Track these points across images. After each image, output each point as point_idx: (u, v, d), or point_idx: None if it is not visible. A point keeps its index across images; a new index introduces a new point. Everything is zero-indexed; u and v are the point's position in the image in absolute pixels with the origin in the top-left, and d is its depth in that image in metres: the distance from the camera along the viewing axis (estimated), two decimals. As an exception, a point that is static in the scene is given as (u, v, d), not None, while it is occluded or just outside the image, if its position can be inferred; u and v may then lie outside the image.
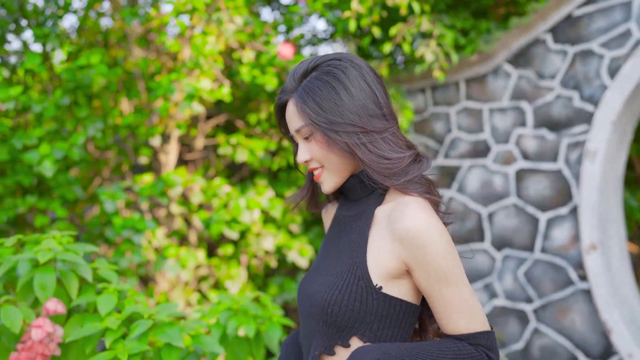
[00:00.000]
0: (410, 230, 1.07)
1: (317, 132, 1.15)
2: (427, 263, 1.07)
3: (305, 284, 1.23)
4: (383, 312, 1.10)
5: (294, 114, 1.17)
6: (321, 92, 1.12)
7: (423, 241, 1.07)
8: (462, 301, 1.08)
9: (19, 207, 3.21)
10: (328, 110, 1.12)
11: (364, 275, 1.11)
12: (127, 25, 3.32)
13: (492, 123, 3.62)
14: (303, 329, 1.24)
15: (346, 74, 1.14)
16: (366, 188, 1.21)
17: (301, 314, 1.23)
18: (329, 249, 1.24)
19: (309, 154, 1.18)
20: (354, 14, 3.10)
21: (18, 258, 1.69)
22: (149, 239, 3.62)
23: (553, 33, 3.35)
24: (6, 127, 3.12)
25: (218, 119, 4.28)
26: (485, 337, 1.10)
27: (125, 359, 1.50)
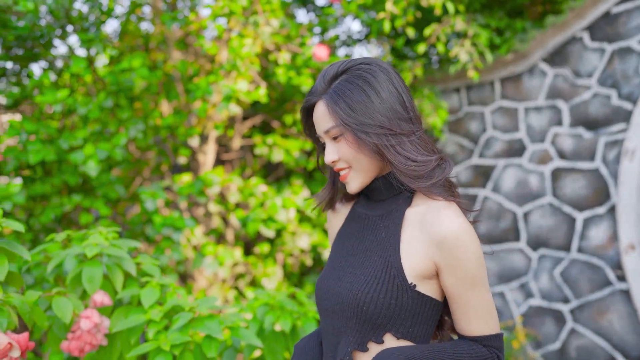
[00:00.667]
0: (448, 235, 1.11)
1: (347, 133, 1.17)
2: (459, 267, 1.12)
3: (328, 282, 1.23)
4: (416, 310, 1.14)
5: (324, 114, 1.19)
6: (352, 94, 1.16)
7: (458, 246, 1.11)
8: (483, 305, 1.14)
9: (65, 206, 3.33)
10: (359, 112, 1.15)
11: (399, 274, 1.14)
12: (167, 29, 3.42)
13: (527, 122, 3.60)
14: (327, 327, 1.24)
15: (376, 77, 1.17)
16: (392, 189, 1.23)
17: (324, 311, 1.24)
18: (350, 247, 1.26)
19: (337, 154, 1.20)
20: (389, 15, 3.13)
21: (67, 253, 1.78)
22: (188, 237, 3.72)
23: (590, 31, 3.31)
24: (53, 129, 3.25)
25: (254, 119, 4.35)
26: (498, 340, 1.16)
27: (168, 349, 1.57)
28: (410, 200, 1.22)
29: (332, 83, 1.20)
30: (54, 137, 3.32)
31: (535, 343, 3.57)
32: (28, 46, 3.57)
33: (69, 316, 1.59)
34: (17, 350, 1.37)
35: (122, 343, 1.78)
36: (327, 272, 1.27)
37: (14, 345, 1.36)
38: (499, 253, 3.74)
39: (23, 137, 3.17)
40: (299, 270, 4.26)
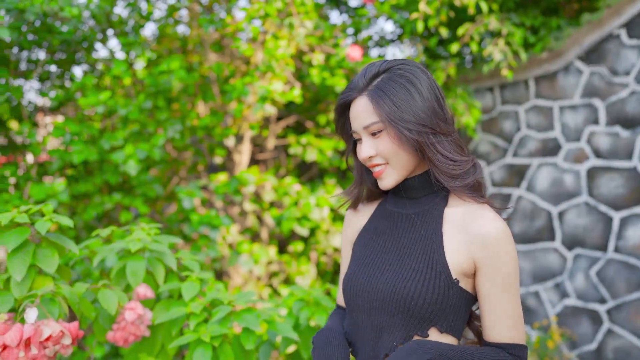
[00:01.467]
0: (489, 235, 1.15)
1: (389, 129, 1.19)
2: (497, 268, 1.15)
3: (362, 278, 1.24)
4: (458, 305, 1.18)
5: (365, 110, 1.21)
6: (396, 92, 1.19)
7: (499, 246, 1.15)
8: (513, 310, 1.16)
9: (106, 204, 3.44)
10: (403, 109, 1.18)
11: (444, 270, 1.17)
12: (203, 32, 3.50)
13: (562, 121, 3.57)
14: (363, 323, 1.24)
15: (417, 77, 1.21)
16: (429, 188, 1.26)
17: (360, 307, 1.24)
18: (383, 244, 1.27)
19: (374, 149, 1.22)
20: (422, 15, 3.15)
21: (112, 248, 1.86)
22: (224, 235, 3.79)
23: (627, 28, 3.27)
24: (95, 130, 3.36)
25: (288, 120, 4.41)
26: (524, 351, 1.17)
27: (208, 340, 1.62)
28: (446, 200, 1.25)
29: (374, 80, 1.22)
30: (96, 138, 3.43)
31: (571, 343, 3.54)
32: (71, 50, 3.69)
33: (114, 308, 1.66)
34: (69, 338, 1.44)
35: (163, 335, 1.85)
36: (358, 268, 1.27)
37: (66, 333, 1.44)
38: (534, 252, 3.71)
39: (67, 138, 3.28)
40: (332, 269, 4.30)
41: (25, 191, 3.43)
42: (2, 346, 1.37)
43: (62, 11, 3.02)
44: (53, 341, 1.42)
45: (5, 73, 3.23)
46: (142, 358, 1.78)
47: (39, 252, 1.63)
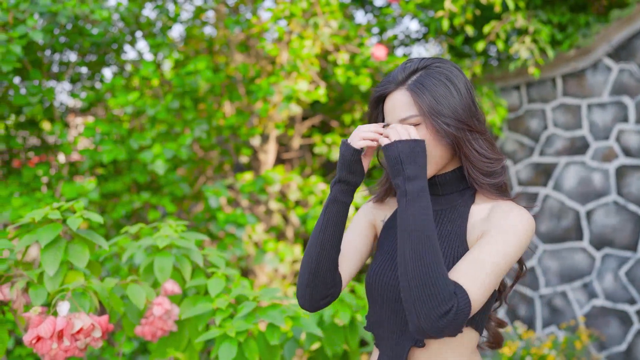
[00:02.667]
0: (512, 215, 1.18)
1: (427, 123, 1.21)
2: (497, 226, 1.16)
3: (390, 273, 1.25)
4: None
5: (404, 103, 1.22)
6: (436, 87, 1.21)
7: (510, 216, 1.17)
8: (482, 268, 1.11)
9: (134, 202, 3.51)
10: (442, 104, 1.20)
11: None
12: (229, 33, 3.55)
13: (590, 119, 3.52)
14: (390, 316, 1.26)
15: (455, 76, 1.24)
16: (456, 185, 1.28)
17: (386, 301, 1.25)
18: None
19: None
20: (447, 14, 3.14)
21: (140, 244, 1.90)
22: (249, 234, 3.83)
23: (657, 24, 3.22)
24: (124, 130, 3.43)
25: (313, 119, 4.44)
26: (465, 298, 1.08)
27: (234, 335, 1.65)
28: (473, 198, 1.27)
29: (413, 76, 1.24)
30: (125, 138, 3.50)
31: (599, 344, 3.49)
32: (101, 52, 3.77)
33: (143, 302, 1.70)
34: (99, 331, 1.49)
35: (190, 330, 1.89)
36: (382, 263, 1.29)
37: (96, 326, 1.48)
38: (561, 252, 3.67)
39: (97, 138, 3.36)
40: (357, 268, 4.31)
41: (57, 190, 3.51)
42: (37, 338, 1.42)
43: (93, 14, 3.09)
44: (84, 334, 1.46)
45: (39, 75, 3.32)
46: (170, 352, 1.82)
47: (70, 248, 1.68)
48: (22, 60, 3.26)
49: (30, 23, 2.91)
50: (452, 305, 1.05)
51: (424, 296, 1.06)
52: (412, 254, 1.08)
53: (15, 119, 3.73)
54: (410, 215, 1.10)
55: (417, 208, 1.10)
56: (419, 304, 1.06)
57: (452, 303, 1.05)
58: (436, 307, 1.04)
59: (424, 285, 1.06)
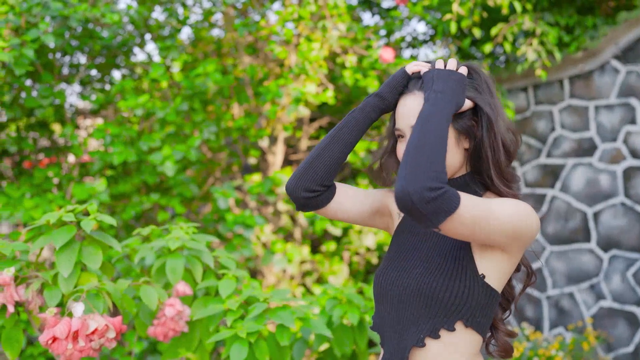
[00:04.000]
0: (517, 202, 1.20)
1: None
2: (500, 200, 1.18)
3: (392, 273, 1.28)
4: (484, 301, 1.21)
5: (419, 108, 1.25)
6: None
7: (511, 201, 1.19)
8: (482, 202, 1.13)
9: (144, 204, 3.54)
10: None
11: (470, 265, 1.20)
12: (237, 35, 3.57)
13: (598, 121, 3.53)
14: (391, 315, 1.27)
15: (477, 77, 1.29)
16: (467, 189, 1.28)
17: (388, 300, 1.27)
18: (414, 242, 1.30)
19: None
20: (455, 16, 3.16)
21: (152, 246, 1.93)
22: (257, 235, 3.86)
23: (665, 26, 3.23)
24: (134, 132, 3.46)
25: (321, 121, 4.46)
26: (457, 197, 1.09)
27: (245, 336, 1.68)
28: None
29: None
30: (134, 140, 3.53)
31: (607, 345, 3.50)
32: (111, 55, 3.81)
33: (155, 303, 1.73)
34: (113, 332, 1.52)
35: (201, 330, 1.91)
36: (389, 263, 1.31)
37: (110, 327, 1.51)
38: (568, 253, 3.68)
39: (107, 139, 3.40)
40: (364, 269, 4.33)
41: (67, 191, 3.55)
42: (52, 338, 1.45)
43: (104, 17, 3.12)
44: (99, 334, 1.49)
45: (50, 77, 3.36)
46: (182, 353, 1.85)
47: (84, 250, 1.71)
48: (34, 64, 3.31)
49: (43, 27, 2.95)
50: (444, 188, 1.06)
51: (425, 162, 1.07)
52: (427, 129, 1.11)
53: (25, 120, 3.78)
54: (428, 110, 1.14)
55: (437, 108, 1.14)
56: (416, 165, 1.07)
57: (446, 187, 1.06)
58: (430, 178, 1.06)
59: (430, 153, 1.08)
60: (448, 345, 1.20)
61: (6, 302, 1.63)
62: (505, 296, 1.36)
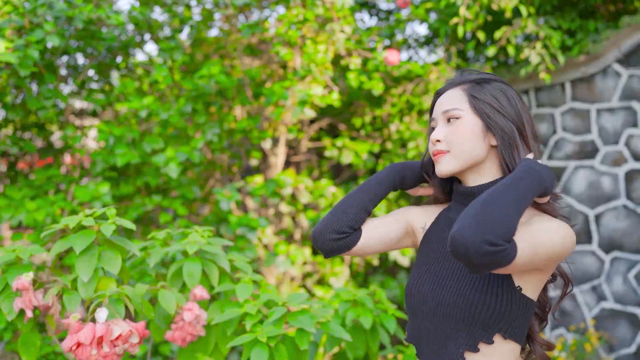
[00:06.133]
0: (553, 225, 1.18)
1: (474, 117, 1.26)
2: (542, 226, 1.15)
3: (425, 286, 1.26)
4: (521, 312, 1.20)
5: (452, 97, 1.28)
6: (494, 91, 1.27)
7: (551, 223, 1.18)
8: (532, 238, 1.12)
9: (146, 206, 3.52)
10: (500, 103, 1.26)
11: (506, 277, 1.18)
12: (244, 37, 3.56)
13: (600, 124, 3.56)
14: (427, 330, 1.26)
15: (511, 91, 1.29)
16: None
17: (423, 314, 1.26)
18: (447, 252, 1.27)
19: (443, 135, 1.27)
20: (462, 20, 3.17)
21: (167, 250, 1.92)
22: (259, 237, 3.85)
23: (667, 31, 3.26)
24: (137, 133, 3.44)
25: (321, 122, 4.46)
26: (514, 251, 1.07)
27: (265, 340, 1.67)
28: None
29: (471, 80, 1.30)
30: (136, 141, 3.51)
31: (609, 346, 3.53)
32: (112, 55, 3.78)
33: (174, 308, 1.72)
34: (136, 337, 1.51)
35: (217, 334, 1.90)
36: (421, 275, 1.30)
37: (134, 332, 1.50)
38: (570, 255, 3.71)
39: (111, 141, 3.37)
40: (364, 270, 4.34)
41: (69, 193, 3.52)
42: (77, 344, 1.44)
43: (109, 19, 3.10)
44: (122, 340, 1.48)
45: (53, 78, 3.33)
46: (200, 358, 1.84)
47: (102, 255, 1.70)
48: (37, 65, 3.28)
49: (48, 27, 2.92)
50: (506, 246, 1.04)
51: (496, 216, 1.04)
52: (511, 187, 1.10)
53: (20, 120, 3.73)
54: (520, 174, 1.13)
55: (529, 176, 1.14)
56: (484, 216, 1.04)
57: (507, 246, 1.04)
58: (495, 235, 1.02)
59: (505, 210, 1.05)
60: (488, 357, 1.19)
61: (25, 306, 1.62)
62: (541, 305, 1.34)
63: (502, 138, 1.24)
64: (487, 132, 1.26)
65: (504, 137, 1.24)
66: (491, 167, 1.28)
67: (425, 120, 3.70)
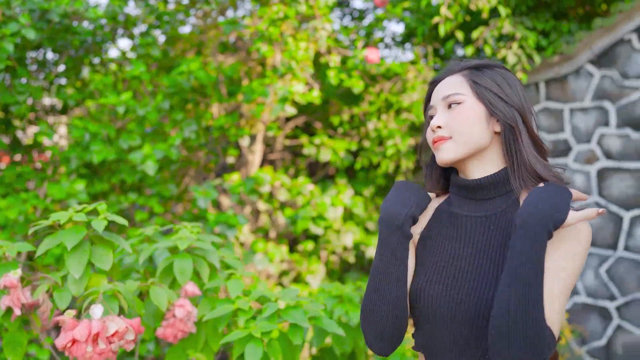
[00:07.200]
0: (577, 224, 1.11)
1: (476, 101, 1.19)
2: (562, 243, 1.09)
3: (442, 288, 1.16)
4: None
5: (452, 83, 1.22)
6: (495, 76, 1.21)
7: (575, 234, 1.11)
8: (564, 297, 1.07)
9: (122, 203, 3.46)
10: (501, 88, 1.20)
11: None
12: (224, 34, 3.53)
13: (573, 123, 3.65)
14: (445, 334, 1.16)
15: (512, 76, 1.24)
16: (503, 187, 1.20)
17: (439, 318, 1.16)
18: (455, 250, 1.19)
19: (443, 121, 1.20)
20: (443, 19, 3.21)
21: (156, 247, 1.89)
22: (236, 235, 3.83)
23: (639, 33, 3.36)
24: (113, 129, 3.38)
25: (296, 120, 4.46)
26: (553, 344, 1.05)
27: (259, 336, 1.67)
28: (518, 202, 1.19)
29: (471, 67, 1.24)
30: (112, 138, 3.45)
31: (581, 339, 3.63)
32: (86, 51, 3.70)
33: (165, 305, 1.70)
34: (132, 333, 1.48)
35: (207, 331, 1.89)
36: (429, 277, 1.19)
37: (130, 328, 1.47)
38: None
39: (87, 137, 3.30)
40: (340, 268, 4.35)
41: (41, 190, 3.44)
42: (72, 341, 1.40)
43: (88, 12, 3.04)
44: (118, 336, 1.46)
45: (26, 73, 3.25)
46: (191, 354, 1.82)
47: (93, 251, 1.67)
48: (10, 58, 3.18)
49: (23, 20, 2.85)
50: (545, 356, 1.02)
51: (527, 327, 1.00)
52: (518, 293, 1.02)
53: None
54: (518, 257, 1.04)
55: (528, 251, 1.04)
56: (515, 334, 1.00)
57: (546, 354, 1.01)
58: (531, 355, 1.00)
59: (531, 312, 1.01)
60: None
61: (12, 304, 1.57)
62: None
63: (505, 124, 1.18)
64: (490, 117, 1.19)
65: (506, 123, 1.17)
66: (494, 156, 1.21)
67: (404, 119, 3.73)
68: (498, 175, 1.19)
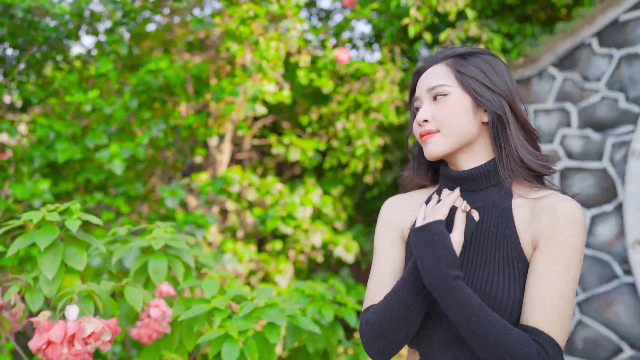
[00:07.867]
0: (565, 210, 1.10)
1: (463, 92, 1.17)
2: (558, 244, 1.08)
3: None
4: None
5: (437, 73, 1.19)
6: (481, 63, 1.19)
7: (569, 225, 1.09)
8: (559, 299, 1.06)
9: (87, 203, 3.40)
10: (488, 77, 1.17)
11: (525, 269, 1.11)
12: (194, 32, 3.50)
13: (536, 124, 3.75)
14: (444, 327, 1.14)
15: (499, 63, 1.22)
16: (494, 177, 1.18)
17: (441, 314, 1.14)
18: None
19: (430, 114, 1.18)
20: (412, 21, 3.26)
21: (131, 246, 1.87)
22: (204, 235, 3.80)
23: (599, 37, 3.48)
24: (78, 128, 3.32)
25: (264, 120, 4.45)
26: (554, 347, 1.04)
27: (236, 335, 1.66)
28: (510, 192, 1.18)
29: (454, 55, 1.20)
30: (77, 136, 3.38)
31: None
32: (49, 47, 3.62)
33: (140, 305, 1.68)
34: (109, 334, 1.46)
35: (181, 331, 1.88)
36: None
37: (106, 329, 1.45)
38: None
39: (52, 136, 3.23)
40: (307, 267, 4.36)
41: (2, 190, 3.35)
42: (47, 342, 1.38)
43: (54, 8, 2.97)
44: (95, 337, 1.44)
45: (-13, 69, 3.16)
46: (166, 354, 1.81)
47: (67, 251, 1.64)
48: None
49: (-15, 15, 2.77)
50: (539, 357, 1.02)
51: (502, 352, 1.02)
52: (474, 336, 1.04)
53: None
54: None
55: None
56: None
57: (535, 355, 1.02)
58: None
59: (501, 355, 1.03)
60: None
61: (-18, 307, 1.54)
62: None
63: (493, 114, 1.16)
64: (477, 108, 1.17)
65: (494, 113, 1.16)
66: (483, 147, 1.19)
67: (372, 119, 3.76)
68: (487, 165, 1.18)
